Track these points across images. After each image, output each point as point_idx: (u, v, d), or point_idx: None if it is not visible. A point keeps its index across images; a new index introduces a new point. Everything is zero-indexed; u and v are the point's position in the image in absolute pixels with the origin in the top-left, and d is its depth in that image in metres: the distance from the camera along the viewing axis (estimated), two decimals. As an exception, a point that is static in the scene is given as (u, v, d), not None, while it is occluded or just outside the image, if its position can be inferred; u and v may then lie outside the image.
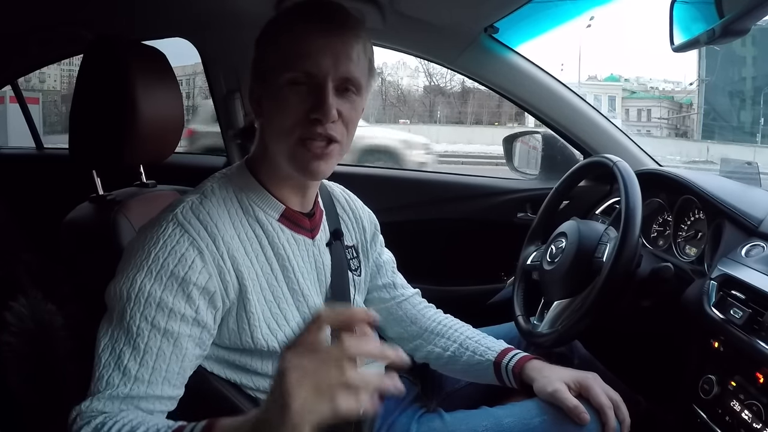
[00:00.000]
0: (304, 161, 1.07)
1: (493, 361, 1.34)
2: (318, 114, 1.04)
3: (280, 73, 1.06)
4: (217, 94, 2.37)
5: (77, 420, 0.94)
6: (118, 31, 1.49)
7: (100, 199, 1.40)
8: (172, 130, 1.51)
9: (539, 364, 1.29)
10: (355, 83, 1.08)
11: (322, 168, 1.09)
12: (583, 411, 1.17)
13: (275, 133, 1.10)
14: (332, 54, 1.05)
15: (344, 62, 1.06)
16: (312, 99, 1.05)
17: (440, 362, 1.42)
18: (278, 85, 1.06)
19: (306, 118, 1.05)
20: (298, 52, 1.05)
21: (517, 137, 2.56)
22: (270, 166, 1.15)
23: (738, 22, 0.91)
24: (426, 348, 1.42)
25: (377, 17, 1.89)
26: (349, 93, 1.09)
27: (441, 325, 1.44)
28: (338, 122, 1.07)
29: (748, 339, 1.14)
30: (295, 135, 1.06)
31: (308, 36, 1.05)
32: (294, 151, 1.07)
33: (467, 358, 1.37)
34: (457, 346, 1.39)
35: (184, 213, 1.06)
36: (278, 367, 0.78)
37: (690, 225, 1.66)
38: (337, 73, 1.05)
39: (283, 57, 1.07)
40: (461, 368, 1.39)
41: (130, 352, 0.97)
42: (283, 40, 1.08)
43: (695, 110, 23.30)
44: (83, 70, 1.37)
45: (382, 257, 1.47)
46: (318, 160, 1.07)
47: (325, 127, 1.05)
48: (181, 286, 1.01)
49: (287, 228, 1.17)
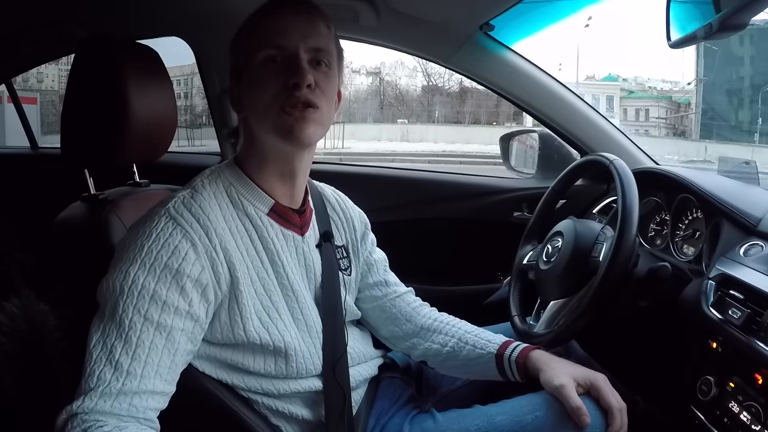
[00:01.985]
0: (288, 127, 1.10)
1: (495, 353, 1.31)
2: (295, 78, 1.08)
3: (254, 55, 1.12)
4: (211, 93, 2.37)
5: (69, 424, 0.93)
6: (113, 30, 1.48)
7: (91, 199, 1.39)
8: (165, 129, 1.50)
9: (545, 354, 1.27)
10: (325, 54, 1.15)
11: (307, 132, 1.11)
12: (585, 414, 1.14)
13: (257, 113, 1.14)
14: (300, 28, 1.12)
15: (313, 35, 1.13)
16: (287, 70, 1.10)
17: (439, 359, 1.40)
18: (254, 67, 1.12)
19: (284, 89, 1.09)
20: (268, 31, 1.12)
21: (513, 136, 2.55)
22: (256, 157, 1.19)
23: (735, 17, 0.89)
24: (423, 345, 1.41)
25: (371, 15, 1.89)
26: (321, 66, 1.14)
27: (437, 322, 1.42)
28: (315, 89, 1.11)
29: (746, 339, 1.12)
30: (275, 106, 1.10)
31: (276, 18, 1.13)
32: (277, 120, 1.10)
33: (467, 353, 1.35)
34: (456, 341, 1.37)
35: (176, 207, 1.08)
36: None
37: (688, 224, 1.65)
38: (307, 44, 1.12)
39: (256, 40, 1.13)
40: (461, 364, 1.36)
41: (122, 345, 0.97)
42: (256, 26, 1.15)
43: (693, 110, 23.39)
44: (75, 69, 1.37)
45: (374, 256, 1.46)
46: (301, 123, 1.10)
47: (303, 92, 1.09)
48: (175, 278, 1.02)
49: (276, 223, 1.19)
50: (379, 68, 30.18)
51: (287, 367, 1.16)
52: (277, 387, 1.17)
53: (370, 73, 30.68)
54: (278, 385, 1.17)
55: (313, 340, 1.20)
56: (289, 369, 1.16)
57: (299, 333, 1.18)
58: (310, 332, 1.20)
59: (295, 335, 1.17)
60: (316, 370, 1.20)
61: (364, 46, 2.17)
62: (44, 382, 1.57)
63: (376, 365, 1.39)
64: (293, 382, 1.18)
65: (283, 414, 1.19)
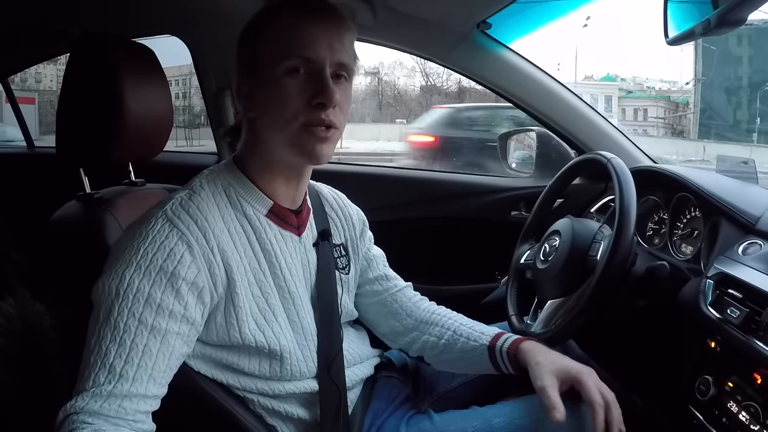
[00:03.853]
0: (309, 146, 1.09)
1: (488, 345, 1.30)
2: (322, 98, 1.06)
3: (275, 64, 1.08)
4: (207, 91, 2.36)
5: (63, 424, 0.94)
6: (109, 29, 1.47)
7: (87, 198, 1.39)
8: (161, 128, 1.50)
9: (534, 345, 1.24)
10: (347, 69, 1.12)
11: (326, 151, 1.11)
12: (560, 412, 1.08)
13: (273, 123, 1.11)
14: (327, 41, 1.08)
15: (338, 48, 1.10)
16: (313, 86, 1.07)
17: (435, 352, 1.38)
18: (274, 76, 1.08)
19: (308, 105, 1.07)
20: (294, 41, 1.08)
21: (511, 135, 2.56)
22: (261, 160, 1.17)
23: (733, 12, 0.89)
24: (421, 339, 1.39)
25: (368, 13, 1.88)
26: (342, 79, 1.12)
27: (435, 315, 1.41)
28: (336, 108, 1.10)
29: (745, 339, 1.12)
30: (297, 122, 1.08)
31: (303, 25, 1.08)
32: (297, 137, 1.09)
33: (461, 345, 1.34)
34: (451, 333, 1.36)
35: (174, 209, 1.07)
36: None
37: (686, 223, 1.64)
38: (333, 58, 1.09)
39: (277, 47, 1.08)
40: (456, 356, 1.35)
41: (116, 348, 0.97)
42: (277, 32, 1.10)
43: (692, 109, 23.39)
44: (70, 68, 1.36)
45: (372, 251, 1.46)
46: (322, 144, 1.10)
47: (327, 113, 1.07)
48: (170, 281, 1.01)
49: (275, 224, 1.18)
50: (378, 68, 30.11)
51: (282, 369, 1.16)
52: (272, 388, 1.17)
53: (368, 73, 30.64)
54: (273, 386, 1.17)
55: (308, 343, 1.19)
56: (284, 371, 1.16)
57: (294, 335, 1.18)
58: (306, 334, 1.19)
59: (290, 338, 1.16)
60: (311, 372, 1.19)
61: (362, 45, 2.15)
62: (40, 382, 1.56)
63: (373, 365, 1.38)
64: (288, 384, 1.18)
65: (279, 414, 1.19)
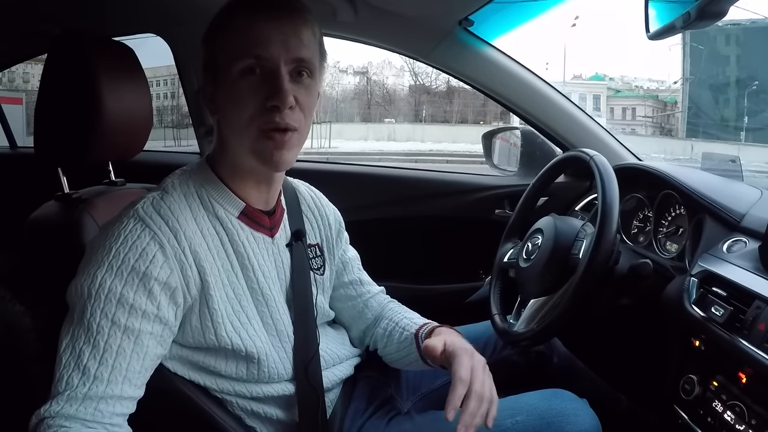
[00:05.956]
0: (266, 153, 1.06)
1: (413, 333, 1.29)
2: (275, 100, 1.03)
3: (230, 65, 1.05)
4: (188, 90, 2.34)
5: (39, 429, 0.93)
6: (89, 28, 1.45)
7: (65, 198, 1.37)
8: (140, 127, 1.48)
9: (437, 339, 1.18)
10: (308, 65, 1.08)
11: (285, 158, 1.08)
12: (449, 411, 1.04)
13: (233, 127, 1.09)
14: (281, 36, 1.05)
15: (295, 44, 1.06)
16: (267, 87, 1.04)
17: (381, 345, 1.37)
18: (231, 77, 1.05)
19: (263, 108, 1.04)
20: (246, 40, 1.04)
21: (496, 134, 2.55)
22: (230, 162, 1.15)
23: (714, 4, 0.88)
24: (372, 333, 1.39)
25: (349, 10, 1.87)
26: (303, 77, 1.08)
27: (386, 309, 1.41)
28: (295, 109, 1.06)
29: (729, 338, 1.10)
30: (253, 126, 1.05)
31: (256, 22, 1.05)
32: (256, 143, 1.06)
33: (397, 336, 1.33)
34: (394, 325, 1.34)
35: (145, 208, 1.05)
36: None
37: (671, 221, 1.63)
38: (289, 54, 1.05)
39: (232, 48, 1.06)
40: (395, 349, 1.34)
41: (90, 350, 0.96)
42: (231, 32, 1.07)
43: (680, 109, 23.61)
44: (48, 66, 1.34)
45: (348, 254, 1.44)
46: (280, 150, 1.06)
47: (282, 115, 1.04)
48: (142, 281, 1.00)
49: (246, 226, 1.16)
50: (367, 68, 30.29)
51: (259, 372, 1.14)
52: (249, 390, 1.16)
53: (357, 73, 30.81)
54: (251, 388, 1.16)
55: (283, 345, 1.18)
56: (261, 373, 1.15)
57: (269, 338, 1.16)
58: (281, 337, 1.18)
59: (265, 340, 1.15)
60: (288, 374, 1.18)
61: (351, 45, 2.17)
62: (19, 383, 1.54)
63: (352, 365, 1.36)
64: (266, 386, 1.17)
65: (257, 415, 1.18)
